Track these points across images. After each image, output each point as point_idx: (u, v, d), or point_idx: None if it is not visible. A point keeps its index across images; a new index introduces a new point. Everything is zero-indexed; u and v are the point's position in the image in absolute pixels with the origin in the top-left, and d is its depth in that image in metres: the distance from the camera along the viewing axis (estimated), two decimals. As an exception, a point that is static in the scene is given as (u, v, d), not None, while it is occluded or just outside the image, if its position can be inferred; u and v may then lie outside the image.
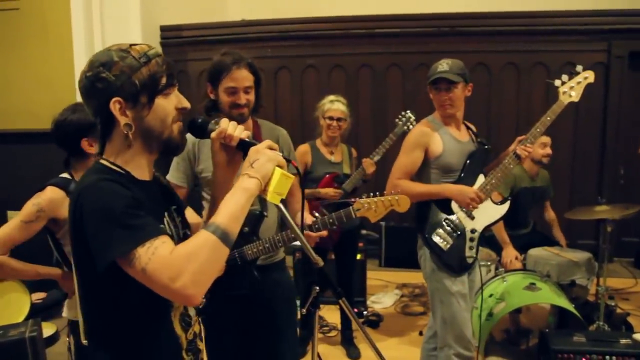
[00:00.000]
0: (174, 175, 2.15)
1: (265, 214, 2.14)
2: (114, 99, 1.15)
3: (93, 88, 1.16)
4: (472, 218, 2.51)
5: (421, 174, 2.54)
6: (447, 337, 2.50)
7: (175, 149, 1.25)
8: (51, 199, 1.96)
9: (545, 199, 3.97)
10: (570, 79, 2.48)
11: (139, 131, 1.19)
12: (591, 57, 5.03)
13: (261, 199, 2.16)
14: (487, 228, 2.59)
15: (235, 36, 5.54)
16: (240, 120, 2.08)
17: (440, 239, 2.48)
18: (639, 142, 3.82)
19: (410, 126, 3.46)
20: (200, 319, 2.11)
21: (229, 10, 5.95)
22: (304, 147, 3.45)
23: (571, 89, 2.47)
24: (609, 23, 5.03)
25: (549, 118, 2.45)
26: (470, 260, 2.52)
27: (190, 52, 5.73)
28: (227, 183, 1.29)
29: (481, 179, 2.53)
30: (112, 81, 1.15)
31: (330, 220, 2.03)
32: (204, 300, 2.01)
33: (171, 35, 5.65)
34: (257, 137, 2.15)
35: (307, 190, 3.29)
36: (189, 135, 1.33)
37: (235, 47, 5.93)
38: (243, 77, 2.05)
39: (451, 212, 2.50)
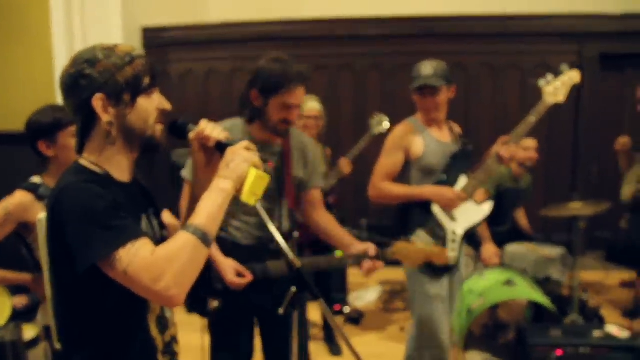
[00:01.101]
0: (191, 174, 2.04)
1: (294, 233, 2.11)
2: (96, 95, 1.15)
3: (76, 85, 1.16)
4: (454, 219, 2.49)
5: (403, 175, 2.53)
6: (422, 338, 2.52)
7: (156, 147, 1.26)
8: (19, 202, 1.96)
9: (522, 201, 4.06)
10: (555, 78, 2.42)
11: (121, 130, 1.20)
12: (564, 58, 5.08)
13: (293, 219, 2.12)
14: (470, 229, 2.56)
15: (217, 37, 5.53)
16: (284, 134, 2.03)
17: (420, 240, 2.44)
18: (610, 141, 3.93)
19: (383, 128, 3.50)
20: (208, 325, 2.09)
21: (211, 11, 5.94)
22: None
23: (556, 89, 2.41)
24: (580, 26, 5.14)
25: (533, 118, 2.39)
26: (451, 263, 2.49)
27: (172, 53, 5.70)
28: (207, 183, 1.29)
29: (463, 180, 2.51)
30: (96, 78, 1.15)
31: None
32: (218, 304, 2.01)
33: (153, 37, 5.60)
34: (286, 147, 2.09)
35: None
36: None
37: (217, 48, 5.92)
38: (301, 95, 1.96)
39: (432, 214, 2.48)
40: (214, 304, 2.03)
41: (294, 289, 1.45)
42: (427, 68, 2.42)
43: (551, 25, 5.19)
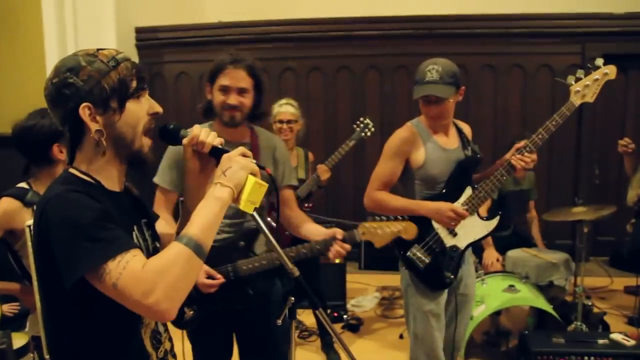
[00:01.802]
0: (164, 179, 2.01)
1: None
2: (83, 105, 1.11)
3: (60, 94, 1.12)
4: (454, 235, 2.33)
5: (406, 185, 2.37)
6: (417, 352, 2.43)
7: (143, 163, 1.22)
8: (5, 210, 1.92)
9: (530, 199, 4.01)
10: (587, 75, 2.15)
11: (110, 138, 1.15)
12: (566, 59, 5.10)
13: (258, 213, 2.11)
14: (471, 245, 2.40)
15: (212, 38, 5.47)
16: (231, 124, 1.97)
17: (416, 256, 2.31)
18: (613, 143, 3.87)
19: (368, 133, 3.45)
20: (185, 333, 2.06)
21: (206, 11, 5.88)
22: None
23: (586, 87, 2.15)
24: (582, 26, 5.11)
25: (554, 123, 2.18)
26: (448, 281, 2.35)
27: (166, 54, 5.65)
28: (200, 191, 1.26)
29: (468, 192, 2.32)
30: (81, 86, 1.11)
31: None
32: (192, 313, 1.96)
33: (147, 37, 5.55)
34: (254, 145, 2.05)
35: None
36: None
37: (212, 49, 5.86)
38: (238, 77, 1.94)
39: (432, 228, 2.31)
40: (190, 313, 1.98)
41: (292, 298, 1.40)
42: (432, 72, 2.19)
43: (553, 25, 5.15)
